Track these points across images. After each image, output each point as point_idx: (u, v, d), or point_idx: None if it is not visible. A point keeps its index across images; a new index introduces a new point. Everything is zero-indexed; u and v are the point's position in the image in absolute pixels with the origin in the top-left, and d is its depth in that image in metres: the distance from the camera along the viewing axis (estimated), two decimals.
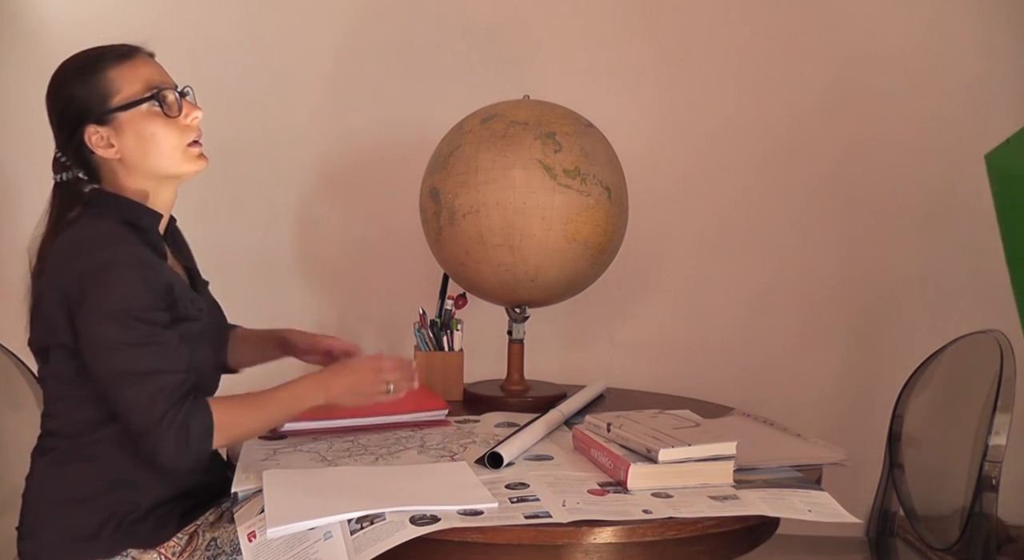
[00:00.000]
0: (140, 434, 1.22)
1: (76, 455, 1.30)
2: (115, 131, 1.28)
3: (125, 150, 1.29)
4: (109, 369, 1.22)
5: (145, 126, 1.28)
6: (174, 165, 1.31)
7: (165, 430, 1.20)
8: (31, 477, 1.34)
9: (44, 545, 1.28)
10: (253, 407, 1.31)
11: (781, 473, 1.34)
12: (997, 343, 1.67)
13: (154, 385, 1.21)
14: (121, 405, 1.23)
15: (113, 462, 1.29)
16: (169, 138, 1.30)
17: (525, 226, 1.71)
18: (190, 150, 1.32)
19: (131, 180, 1.31)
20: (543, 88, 1.96)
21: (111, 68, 1.27)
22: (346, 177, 2.37)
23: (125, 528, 1.28)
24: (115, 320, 1.20)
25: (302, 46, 2.33)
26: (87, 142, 1.28)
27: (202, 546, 1.34)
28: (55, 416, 1.33)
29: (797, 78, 2.33)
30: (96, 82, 1.27)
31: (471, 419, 1.69)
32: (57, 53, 1.33)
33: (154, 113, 1.29)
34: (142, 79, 1.28)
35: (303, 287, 2.39)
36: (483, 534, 1.13)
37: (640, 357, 2.39)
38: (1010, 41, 2.27)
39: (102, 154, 1.29)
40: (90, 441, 1.30)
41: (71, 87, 1.28)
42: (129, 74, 1.28)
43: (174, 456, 1.22)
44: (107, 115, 1.27)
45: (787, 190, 2.36)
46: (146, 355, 1.22)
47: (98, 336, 1.21)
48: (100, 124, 1.28)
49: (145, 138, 1.28)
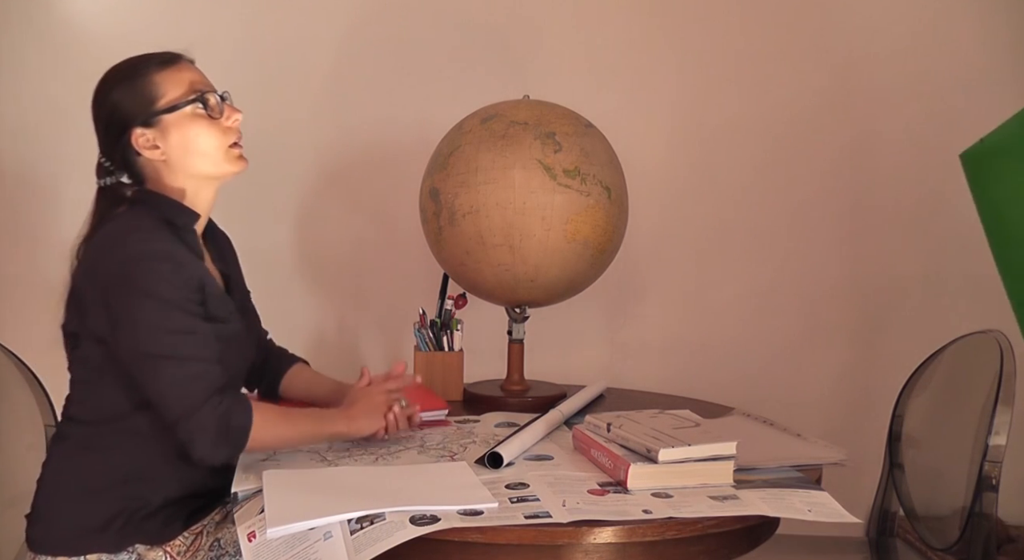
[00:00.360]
0: (178, 419, 1.23)
1: (94, 445, 1.32)
2: (160, 133, 1.33)
3: (169, 151, 1.33)
4: (145, 353, 1.24)
5: (189, 128, 1.33)
6: (216, 165, 1.36)
7: (206, 417, 1.23)
8: (47, 463, 1.36)
9: (53, 533, 1.30)
10: (287, 419, 1.36)
11: (781, 473, 1.34)
12: (997, 343, 1.67)
13: (192, 370, 1.24)
14: (157, 389, 1.24)
15: (129, 455, 1.31)
16: (211, 139, 1.35)
17: (525, 226, 1.71)
18: (231, 151, 1.37)
19: (173, 180, 1.36)
20: (543, 88, 1.96)
21: (156, 73, 1.33)
22: (346, 177, 2.37)
23: (134, 523, 1.30)
24: (154, 306, 1.24)
25: (302, 46, 2.33)
26: (133, 144, 1.33)
27: (205, 546, 1.36)
28: (78, 401, 1.35)
29: (797, 78, 2.33)
30: (142, 86, 1.32)
31: (471, 419, 1.68)
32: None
33: (197, 115, 1.34)
34: (185, 83, 1.34)
35: (303, 287, 2.39)
36: (483, 534, 1.13)
37: (640, 357, 2.39)
38: (1009, 39, 2.27)
39: (147, 155, 1.34)
40: (110, 431, 1.32)
41: (118, 92, 1.32)
42: (173, 78, 1.33)
43: (212, 446, 1.24)
44: (152, 117, 1.32)
45: (787, 190, 2.36)
46: (183, 341, 1.25)
47: (136, 320, 1.24)
48: (146, 126, 1.32)
49: (189, 139, 1.33)
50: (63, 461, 1.34)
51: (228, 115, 1.37)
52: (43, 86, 2.27)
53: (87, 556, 1.28)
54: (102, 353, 1.29)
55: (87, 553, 1.28)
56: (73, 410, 1.36)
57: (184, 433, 1.24)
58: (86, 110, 1.36)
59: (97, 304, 1.27)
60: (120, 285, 1.25)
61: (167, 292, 1.24)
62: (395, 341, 2.39)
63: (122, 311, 1.25)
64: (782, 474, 1.34)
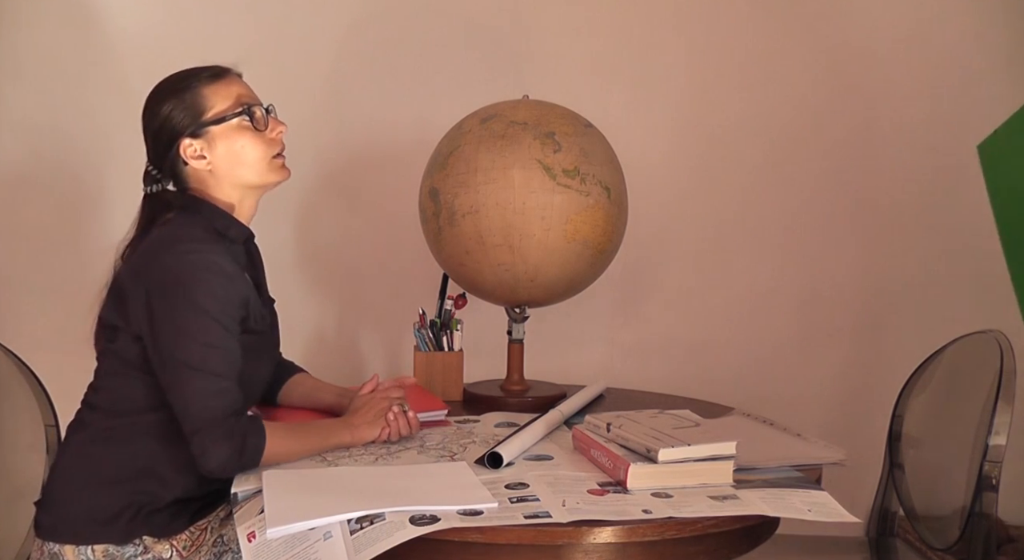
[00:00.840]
0: (195, 431, 1.26)
1: (111, 436, 1.35)
2: (208, 143, 1.38)
3: (216, 161, 1.39)
4: (178, 360, 1.27)
5: (235, 139, 1.39)
6: (260, 175, 1.42)
7: (223, 436, 1.26)
8: (63, 451, 1.39)
9: (63, 520, 1.32)
10: (296, 436, 1.38)
11: (781, 473, 1.34)
12: (997, 343, 1.67)
13: (219, 385, 1.28)
14: (182, 397, 1.27)
15: (145, 451, 1.34)
16: (257, 150, 1.40)
17: (525, 226, 1.71)
18: (275, 161, 1.43)
19: (219, 190, 1.41)
20: (543, 88, 1.96)
21: (205, 86, 1.38)
22: (346, 177, 2.37)
23: (142, 517, 1.32)
24: (197, 317, 1.27)
25: (302, 46, 2.33)
26: (182, 154, 1.38)
27: (209, 542, 1.38)
28: (103, 390, 1.38)
29: (797, 78, 2.33)
30: (191, 99, 1.38)
31: (471, 419, 1.68)
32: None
33: (243, 127, 1.40)
34: (233, 96, 1.40)
35: (302, 287, 2.39)
36: (483, 534, 1.13)
37: (640, 357, 2.39)
38: (1009, 38, 2.27)
39: (195, 165, 1.39)
40: (129, 424, 1.34)
41: (168, 104, 1.38)
42: (222, 91, 1.39)
43: (223, 464, 1.27)
44: (200, 129, 1.38)
45: (787, 190, 2.36)
46: (216, 356, 1.28)
47: (177, 327, 1.27)
48: (194, 137, 1.38)
49: (235, 150, 1.39)
50: (80, 451, 1.36)
51: (272, 127, 1.43)
52: (43, 86, 2.27)
53: (94, 546, 1.30)
54: (139, 351, 1.33)
55: (94, 543, 1.30)
56: (96, 398, 1.39)
57: (198, 446, 1.26)
58: (91, 109, 1.38)
59: (140, 303, 1.30)
60: (168, 290, 1.28)
61: (212, 305, 1.28)
62: (395, 341, 2.39)
63: (165, 315, 1.28)
64: (782, 474, 1.34)
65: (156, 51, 2.20)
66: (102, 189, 2.28)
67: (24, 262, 2.29)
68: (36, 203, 2.29)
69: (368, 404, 1.50)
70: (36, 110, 2.27)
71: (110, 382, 1.38)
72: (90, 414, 1.38)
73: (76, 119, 2.26)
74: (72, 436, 1.39)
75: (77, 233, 2.29)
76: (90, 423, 1.37)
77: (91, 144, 2.27)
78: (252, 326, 1.38)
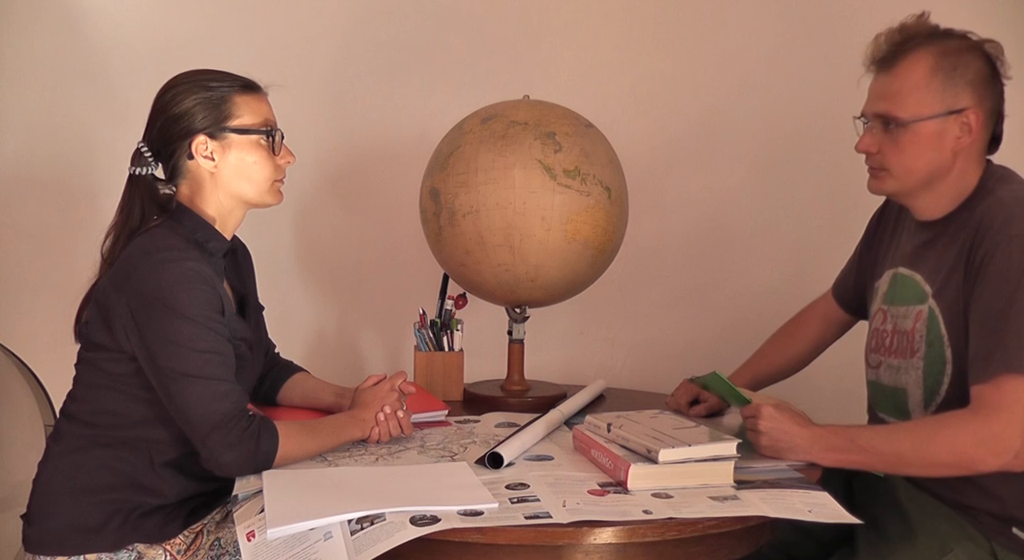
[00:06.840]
0: (204, 436, 1.27)
1: (91, 445, 1.34)
2: (222, 148, 1.41)
3: (223, 167, 1.41)
4: (173, 370, 1.27)
5: (250, 153, 1.42)
6: (259, 194, 1.46)
7: (235, 440, 1.26)
8: (43, 463, 1.38)
9: (50, 533, 1.31)
10: (308, 433, 1.38)
11: (781, 473, 1.34)
12: None
13: (218, 389, 1.28)
14: (183, 406, 1.27)
15: (124, 461, 1.33)
16: (265, 170, 1.44)
17: (525, 226, 1.71)
18: (275, 185, 1.48)
19: (211, 196, 1.42)
20: (543, 88, 1.96)
21: (237, 94, 1.42)
22: (346, 177, 2.37)
23: (132, 523, 1.31)
24: (185, 326, 1.28)
25: (302, 46, 2.33)
26: (192, 148, 1.39)
27: (206, 545, 1.37)
28: (81, 400, 1.37)
29: (797, 78, 2.33)
30: (221, 101, 1.40)
31: (471, 419, 1.68)
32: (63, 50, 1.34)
33: (261, 146, 1.43)
34: (262, 114, 1.44)
35: (303, 287, 2.39)
36: (483, 534, 1.13)
37: (640, 357, 2.39)
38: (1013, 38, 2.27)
39: (201, 164, 1.40)
40: (108, 436, 1.34)
41: (196, 98, 1.39)
42: (252, 104, 1.43)
43: (237, 464, 1.28)
44: (221, 132, 1.40)
45: (787, 190, 2.35)
46: (211, 361, 1.29)
47: (168, 339, 1.27)
48: (212, 137, 1.40)
49: (246, 163, 1.42)
50: (59, 461, 1.35)
51: (284, 155, 1.47)
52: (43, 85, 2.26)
53: (86, 556, 1.29)
54: (128, 368, 1.32)
55: (85, 552, 1.30)
56: (74, 408, 1.37)
57: (208, 450, 1.27)
58: (91, 109, 1.37)
59: (125, 320, 1.30)
60: (150, 303, 1.28)
61: (197, 311, 1.28)
62: (395, 341, 2.39)
63: (153, 330, 1.28)
64: (782, 474, 1.34)
65: (156, 52, 2.20)
66: (102, 189, 2.27)
67: (24, 262, 2.29)
68: (36, 203, 2.29)
69: (374, 396, 1.49)
70: (36, 111, 2.27)
71: (88, 393, 1.37)
72: (67, 424, 1.37)
73: (76, 119, 2.26)
74: (51, 447, 1.38)
75: (77, 233, 2.28)
76: (67, 433, 1.36)
77: (91, 144, 2.26)
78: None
